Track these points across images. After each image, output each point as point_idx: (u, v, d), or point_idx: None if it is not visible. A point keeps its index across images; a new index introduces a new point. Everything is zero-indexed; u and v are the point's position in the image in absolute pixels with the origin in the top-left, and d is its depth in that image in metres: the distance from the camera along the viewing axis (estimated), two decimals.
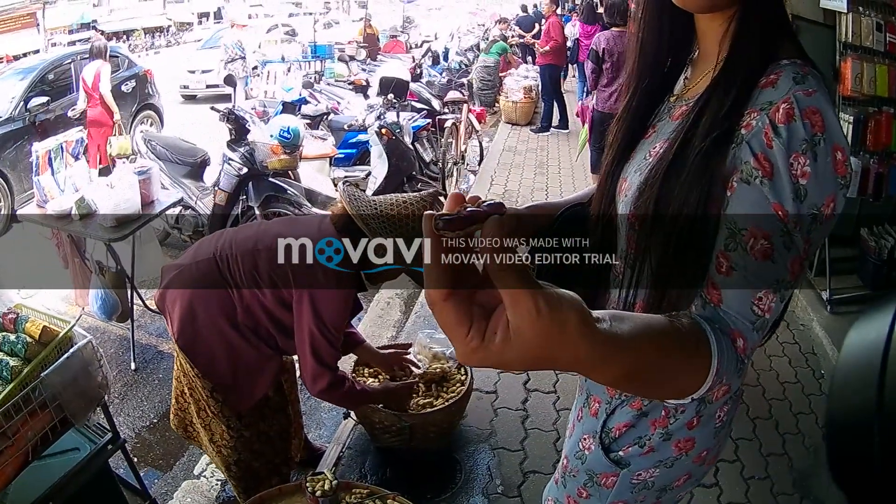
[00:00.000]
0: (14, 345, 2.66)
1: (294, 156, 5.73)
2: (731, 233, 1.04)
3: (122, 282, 4.76)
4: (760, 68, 1.11)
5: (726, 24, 1.17)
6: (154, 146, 6.47)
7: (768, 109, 1.05)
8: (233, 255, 2.76)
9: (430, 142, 7.85)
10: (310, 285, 2.66)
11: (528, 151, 10.17)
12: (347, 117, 7.69)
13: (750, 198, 1.04)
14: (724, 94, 1.12)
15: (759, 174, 1.03)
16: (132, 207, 4.58)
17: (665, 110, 1.33)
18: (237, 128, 5.95)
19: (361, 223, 2.60)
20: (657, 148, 1.25)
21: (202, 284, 2.77)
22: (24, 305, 3.09)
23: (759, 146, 1.04)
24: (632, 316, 0.83)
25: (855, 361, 0.74)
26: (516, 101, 12.13)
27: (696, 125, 1.14)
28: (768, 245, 1.01)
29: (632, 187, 1.26)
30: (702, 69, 1.27)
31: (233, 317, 2.77)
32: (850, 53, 4.50)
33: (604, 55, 7.08)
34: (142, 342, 5.04)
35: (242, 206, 5.72)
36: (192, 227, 6.18)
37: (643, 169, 1.24)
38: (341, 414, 3.87)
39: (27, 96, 8.79)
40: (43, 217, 4.80)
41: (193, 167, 6.43)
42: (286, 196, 5.52)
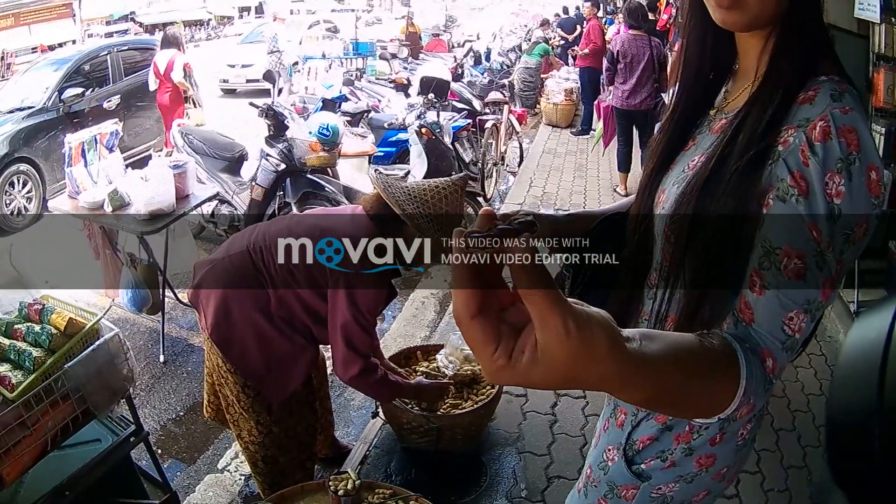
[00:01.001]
0: (38, 335, 2.67)
1: (333, 153, 5.74)
2: (766, 251, 1.05)
3: (154, 275, 4.78)
4: (798, 84, 1.12)
5: (765, 40, 1.19)
6: (191, 140, 6.52)
7: (805, 126, 1.06)
8: (266, 246, 2.78)
9: (470, 142, 7.82)
10: (344, 272, 2.67)
11: (567, 154, 10.18)
12: (388, 115, 7.71)
13: (785, 216, 1.05)
14: (762, 110, 1.14)
15: (795, 192, 1.04)
16: (166, 201, 4.59)
17: (705, 123, 1.35)
18: (276, 124, 5.99)
19: (397, 208, 2.63)
20: (695, 161, 1.26)
21: (236, 278, 2.79)
22: (51, 296, 3.10)
23: (796, 164, 1.05)
24: (662, 335, 0.82)
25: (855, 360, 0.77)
26: (557, 103, 12.13)
27: (733, 141, 1.16)
28: (801, 265, 1.01)
29: (669, 199, 1.28)
30: (742, 83, 1.28)
31: (267, 309, 2.79)
32: (882, 65, 4.45)
33: (618, 56, 7.74)
34: (172, 335, 5.07)
35: (279, 202, 5.74)
36: (227, 222, 6.23)
37: (681, 182, 1.26)
38: (369, 413, 3.88)
39: (62, 87, 8.84)
40: (75, 208, 4.84)
41: (231, 162, 6.47)
42: (324, 193, 5.53)
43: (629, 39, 7.77)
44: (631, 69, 7.71)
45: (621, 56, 7.74)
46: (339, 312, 2.70)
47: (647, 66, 7.68)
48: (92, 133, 5.15)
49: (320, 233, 2.74)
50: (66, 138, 5.07)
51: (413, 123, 6.62)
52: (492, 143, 8.34)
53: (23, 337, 2.71)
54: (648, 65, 7.69)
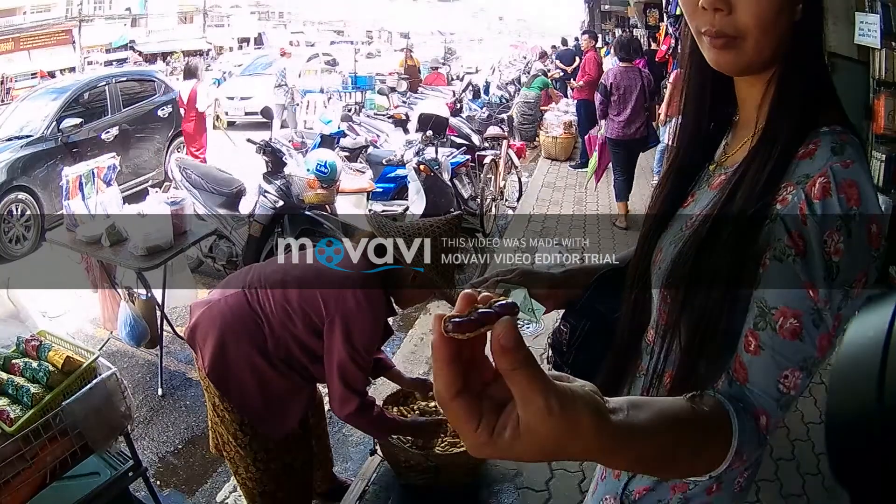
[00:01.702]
0: (36, 372, 2.73)
1: (331, 190, 5.78)
2: (761, 311, 1.05)
3: (152, 309, 4.83)
4: (798, 138, 1.12)
5: (765, 87, 1.18)
6: (189, 174, 6.55)
7: (804, 183, 1.06)
8: (262, 287, 2.82)
9: (469, 177, 7.87)
10: (340, 309, 2.71)
11: (566, 188, 10.24)
12: (386, 151, 7.76)
13: (782, 276, 1.04)
14: (761, 168, 1.13)
15: (793, 252, 1.03)
16: (164, 238, 4.63)
17: (705, 177, 1.34)
18: (273, 160, 6.05)
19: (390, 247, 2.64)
20: (693, 219, 1.25)
21: (232, 318, 2.82)
22: (48, 332, 3.15)
23: (794, 223, 1.04)
24: (651, 403, 0.85)
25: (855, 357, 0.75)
26: (556, 136, 12.24)
27: (731, 199, 1.15)
28: (797, 324, 1.01)
29: (665, 260, 1.27)
30: (742, 135, 1.28)
31: (263, 348, 2.82)
32: (883, 90, 4.46)
33: (611, 88, 8.13)
34: (170, 368, 5.08)
35: (277, 238, 5.76)
36: (226, 257, 6.27)
37: (678, 241, 1.25)
38: (368, 449, 3.89)
39: (60, 116, 8.91)
40: (72, 241, 4.89)
41: (229, 197, 6.49)
42: (322, 230, 5.57)
43: (621, 72, 8.23)
44: (624, 101, 8.11)
45: (614, 88, 8.13)
46: (335, 351, 2.73)
47: (639, 97, 8.12)
48: (89, 166, 5.20)
49: (315, 273, 2.81)
50: (64, 171, 5.13)
51: (411, 160, 6.65)
52: (491, 179, 8.37)
53: (20, 372, 2.76)
54: (640, 95, 8.13)
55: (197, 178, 6.52)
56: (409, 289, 2.85)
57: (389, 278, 2.82)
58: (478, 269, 6.38)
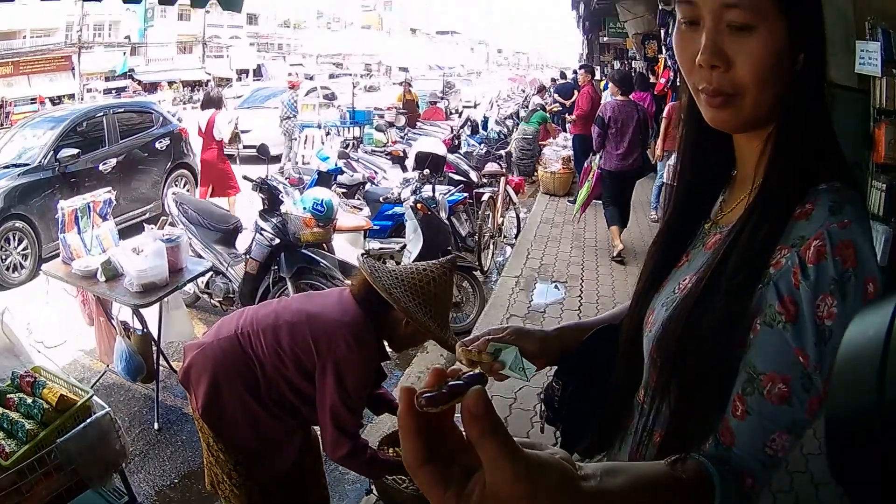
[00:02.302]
0: (31, 408, 2.77)
1: (327, 229, 5.82)
2: (750, 377, 1.03)
3: (148, 344, 4.86)
4: (796, 197, 1.08)
5: (763, 144, 1.15)
6: (186, 210, 6.60)
7: (799, 246, 1.02)
8: (255, 331, 2.85)
9: (467, 214, 7.92)
10: (333, 355, 2.73)
11: (565, 223, 10.23)
12: (384, 189, 7.78)
13: (771, 342, 1.02)
14: (756, 229, 1.10)
15: (783, 319, 1.01)
16: (159, 275, 4.66)
17: (699, 237, 1.32)
18: (270, 198, 6.06)
19: (384, 292, 2.66)
20: (686, 281, 1.23)
21: (225, 362, 2.85)
22: (42, 369, 3.19)
23: (786, 288, 1.02)
24: (628, 469, 0.85)
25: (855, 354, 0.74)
26: (554, 171, 12.25)
27: (724, 264, 1.12)
28: (786, 389, 1.00)
29: (656, 323, 1.25)
30: (739, 192, 1.25)
31: (256, 391, 2.84)
32: (884, 119, 4.42)
33: (609, 122, 8.38)
34: (166, 403, 5.11)
35: (274, 276, 5.78)
36: (222, 293, 6.29)
37: (670, 304, 1.23)
38: (364, 489, 3.90)
39: (57, 146, 9.01)
40: (68, 275, 4.92)
41: (225, 234, 6.55)
42: (318, 268, 5.59)
43: (618, 105, 8.47)
44: (622, 134, 8.35)
45: (612, 121, 8.36)
46: (327, 395, 2.74)
47: (635, 130, 8.37)
48: (85, 200, 5.25)
49: (307, 317, 2.83)
50: (59, 204, 5.17)
51: (408, 199, 6.65)
52: (489, 216, 8.41)
53: (15, 407, 2.80)
54: (637, 128, 8.38)
55: (193, 213, 6.56)
56: (403, 332, 2.87)
57: (382, 323, 2.85)
58: (475, 307, 6.39)
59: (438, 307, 2.77)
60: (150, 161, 10.61)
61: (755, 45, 1.05)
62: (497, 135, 13.09)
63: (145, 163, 10.52)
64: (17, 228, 8.26)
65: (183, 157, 11.43)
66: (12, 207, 8.21)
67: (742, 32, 1.05)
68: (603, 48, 25.21)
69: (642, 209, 10.62)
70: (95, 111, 10.34)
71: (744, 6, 1.04)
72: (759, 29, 1.04)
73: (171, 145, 11.09)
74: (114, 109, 10.56)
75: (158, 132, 10.93)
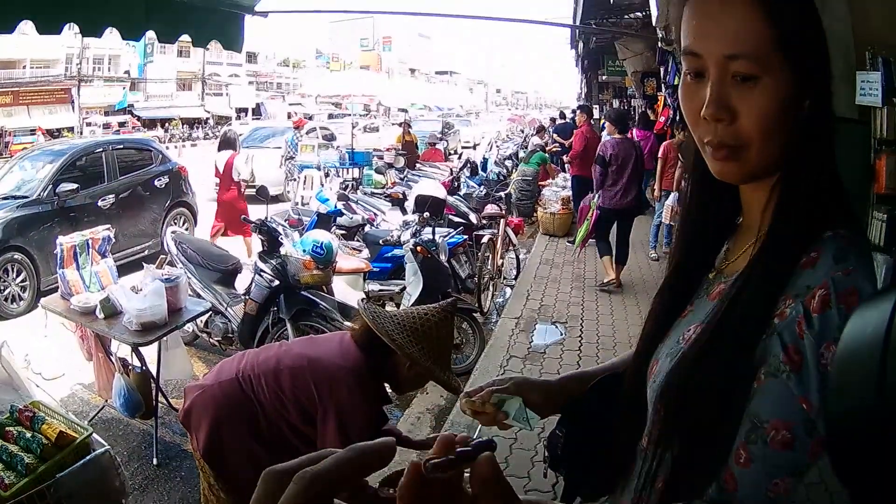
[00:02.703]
0: (30, 442, 2.78)
1: (327, 271, 5.81)
2: (753, 426, 1.03)
3: (147, 382, 4.84)
4: (801, 246, 1.07)
5: (769, 193, 1.15)
6: (185, 249, 6.62)
7: (804, 296, 1.02)
8: (256, 375, 2.87)
9: (467, 256, 7.93)
10: (334, 399, 2.74)
11: (564, 264, 10.23)
12: (383, 231, 7.81)
13: (775, 392, 1.02)
14: (761, 281, 1.10)
15: (788, 369, 1.00)
16: (158, 315, 4.67)
17: (704, 286, 1.30)
18: (269, 239, 6.10)
19: (386, 337, 2.68)
20: (690, 332, 1.22)
21: (227, 404, 2.87)
22: (41, 404, 3.20)
23: (791, 338, 1.01)
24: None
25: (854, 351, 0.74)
26: (554, 212, 12.28)
27: (729, 315, 1.11)
28: (789, 436, 0.99)
29: (661, 373, 1.25)
30: (744, 241, 1.24)
31: (258, 433, 2.85)
32: (885, 150, 4.39)
33: (610, 160, 8.57)
34: (165, 439, 5.08)
35: (273, 317, 5.78)
36: (221, 333, 6.27)
37: (674, 354, 1.22)
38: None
39: (56, 179, 9.07)
40: (67, 310, 4.95)
41: (224, 274, 6.56)
42: (318, 310, 5.58)
43: (617, 143, 8.68)
44: (621, 171, 8.54)
45: (613, 160, 8.55)
46: (328, 440, 2.74)
47: (634, 167, 8.58)
48: (84, 237, 5.29)
49: (308, 362, 2.84)
50: (58, 239, 5.21)
51: (408, 241, 6.68)
52: (489, 257, 8.42)
53: (14, 440, 2.81)
54: (635, 166, 8.61)
55: (193, 252, 6.59)
56: (405, 376, 2.88)
57: (384, 367, 2.86)
58: (475, 348, 6.39)
59: (440, 350, 2.79)
60: (149, 198, 10.65)
61: (760, 96, 1.05)
62: (496, 176, 13.15)
63: (144, 200, 10.55)
64: (16, 260, 8.31)
65: (182, 195, 11.45)
66: (11, 239, 8.28)
67: (747, 83, 1.06)
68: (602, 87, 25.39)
69: (642, 247, 10.68)
70: (94, 146, 10.41)
71: (748, 56, 1.04)
72: (764, 80, 1.05)
73: (170, 183, 11.11)
74: (113, 145, 10.63)
75: (157, 170, 10.98)
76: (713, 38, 1.08)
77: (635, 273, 9.58)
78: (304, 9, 10.73)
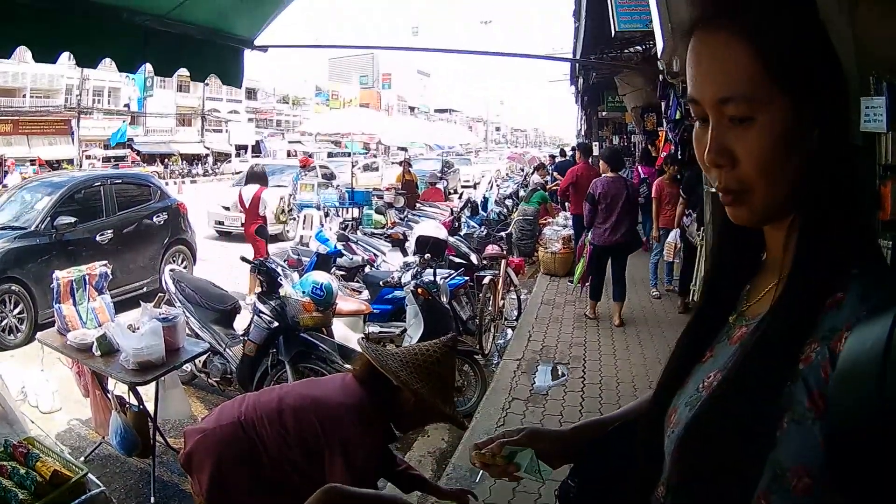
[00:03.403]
0: (24, 478, 2.78)
1: (327, 313, 5.80)
2: (776, 475, 0.98)
3: (144, 421, 4.79)
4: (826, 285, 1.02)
5: (787, 231, 1.10)
6: (183, 288, 6.60)
7: (830, 339, 0.95)
8: (258, 416, 2.86)
9: (468, 297, 7.94)
10: (339, 436, 2.74)
11: (566, 304, 10.18)
12: (383, 272, 7.80)
13: (799, 439, 0.95)
14: (785, 327, 1.03)
15: (812, 415, 0.94)
16: (155, 354, 4.61)
17: (725, 330, 1.24)
18: (268, 280, 6.05)
19: (392, 376, 2.73)
20: (710, 378, 1.16)
21: (228, 447, 2.85)
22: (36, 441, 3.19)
23: (816, 382, 0.95)
24: None
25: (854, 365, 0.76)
26: (555, 251, 12.25)
27: (751, 361, 1.06)
28: (809, 481, 0.94)
29: (679, 423, 1.20)
30: (766, 281, 1.19)
31: (260, 477, 2.83)
32: (890, 176, 4.38)
33: (599, 198, 8.85)
34: (163, 478, 5.02)
35: (272, 359, 5.72)
36: (219, 373, 6.22)
37: (693, 403, 1.17)
38: None
39: (55, 212, 9.08)
40: (63, 346, 4.91)
41: (223, 314, 6.53)
42: (318, 352, 5.54)
43: (608, 182, 8.95)
44: (610, 209, 8.81)
45: (602, 198, 8.83)
46: (336, 477, 2.72)
47: (623, 205, 8.81)
48: (81, 272, 5.29)
49: (311, 401, 2.85)
50: (55, 274, 5.20)
51: (409, 283, 6.66)
52: (490, 298, 8.38)
53: (8, 475, 2.79)
54: (625, 203, 8.83)
55: (191, 292, 6.56)
56: (409, 413, 2.87)
57: (388, 405, 2.86)
58: (476, 390, 6.34)
59: (444, 386, 2.81)
60: (147, 235, 10.62)
61: (756, 137, 1.03)
62: (497, 216, 13.18)
63: (142, 237, 10.53)
64: (13, 291, 8.31)
65: (181, 232, 11.43)
66: (8, 270, 8.29)
67: (743, 125, 1.03)
68: (602, 123, 25.51)
69: (643, 286, 10.71)
70: (93, 180, 10.43)
71: (740, 98, 1.02)
72: (759, 119, 1.02)
73: (169, 220, 11.09)
74: (112, 180, 10.67)
75: (156, 206, 10.98)
76: (707, 83, 1.07)
77: (637, 312, 9.57)
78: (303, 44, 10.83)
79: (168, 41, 4.29)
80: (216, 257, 13.27)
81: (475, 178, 33.68)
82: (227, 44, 4.81)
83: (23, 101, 43.80)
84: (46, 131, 44.50)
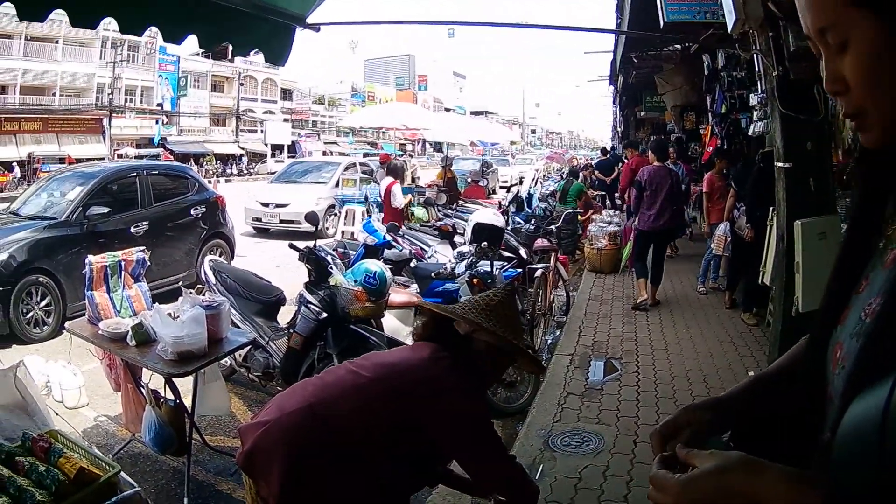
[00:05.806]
0: (43, 477, 2.54)
1: (380, 303, 5.57)
2: None
3: (181, 417, 4.56)
4: None
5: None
6: (224, 278, 6.43)
7: None
8: (330, 397, 2.60)
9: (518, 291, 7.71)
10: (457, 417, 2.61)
11: (614, 300, 10.16)
12: (433, 265, 7.61)
13: None
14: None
15: None
16: (197, 344, 4.33)
17: (876, 256, 1.18)
18: (317, 269, 5.79)
19: (458, 317, 2.73)
20: (872, 305, 1.09)
21: (302, 436, 2.52)
22: (60, 434, 2.96)
23: None
24: None
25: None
26: (601, 248, 12.22)
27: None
28: None
29: (849, 356, 1.10)
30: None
31: (344, 463, 2.52)
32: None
33: (645, 185, 9.37)
34: (198, 478, 4.82)
35: (319, 353, 5.49)
36: (261, 368, 5.96)
37: (860, 334, 1.09)
38: None
39: (86, 202, 8.93)
40: (94, 336, 4.66)
41: (266, 305, 6.36)
42: (368, 346, 5.29)
43: (654, 170, 9.46)
44: (655, 195, 9.27)
45: (647, 185, 9.34)
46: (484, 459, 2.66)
47: (667, 193, 9.27)
48: (116, 257, 5.05)
49: (389, 369, 2.67)
50: (88, 258, 4.97)
51: (463, 273, 6.50)
52: (540, 293, 8.28)
53: (25, 472, 2.56)
54: (669, 191, 9.29)
55: (232, 283, 6.40)
56: (483, 363, 2.78)
57: (468, 362, 2.73)
58: (530, 385, 6.15)
59: (512, 323, 2.78)
60: (184, 228, 10.49)
61: (853, 60, 1.02)
62: (542, 211, 13.02)
63: (179, 230, 10.40)
64: (41, 283, 8.16)
65: (219, 226, 11.29)
66: (36, 261, 8.14)
67: (844, 51, 1.03)
68: (639, 124, 25.47)
69: (689, 281, 10.91)
70: (128, 171, 10.30)
71: (833, 24, 1.02)
72: (852, 42, 1.01)
73: (206, 213, 10.95)
74: (147, 171, 10.47)
75: (194, 199, 10.83)
76: (807, 16, 1.07)
77: (685, 307, 9.67)
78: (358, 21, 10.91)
79: (217, 12, 4.07)
80: (254, 254, 13.16)
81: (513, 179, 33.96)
82: (279, 20, 4.60)
83: (52, 99, 44.32)
84: (77, 130, 45.04)
